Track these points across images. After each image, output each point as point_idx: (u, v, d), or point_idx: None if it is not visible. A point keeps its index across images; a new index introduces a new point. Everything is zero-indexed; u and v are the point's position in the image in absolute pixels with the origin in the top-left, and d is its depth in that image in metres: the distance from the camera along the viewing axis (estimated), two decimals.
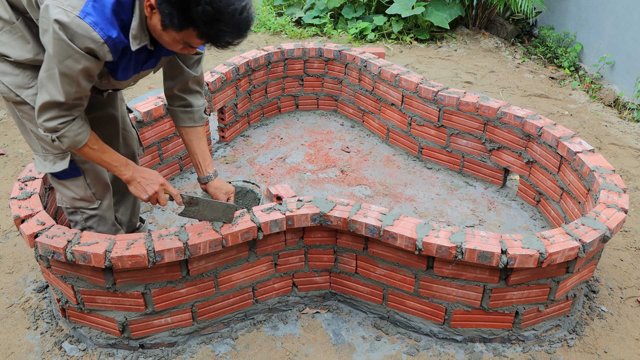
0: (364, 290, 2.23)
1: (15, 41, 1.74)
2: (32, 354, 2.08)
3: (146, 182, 1.86)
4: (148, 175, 1.87)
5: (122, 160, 1.84)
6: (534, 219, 2.83)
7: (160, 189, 1.88)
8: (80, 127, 1.71)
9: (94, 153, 1.78)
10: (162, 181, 1.88)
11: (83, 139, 1.73)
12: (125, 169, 1.84)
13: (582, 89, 4.62)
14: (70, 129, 1.69)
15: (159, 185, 1.87)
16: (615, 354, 2.12)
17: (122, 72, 1.73)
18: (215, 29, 1.47)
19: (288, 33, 5.81)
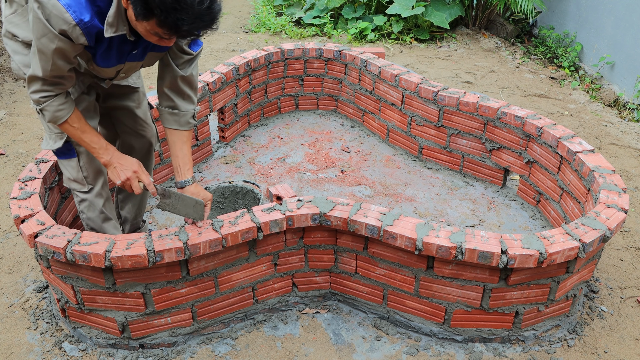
0: (364, 290, 2.23)
1: (24, 22, 1.86)
2: (32, 354, 2.08)
3: (121, 167, 1.90)
4: (124, 161, 1.91)
5: (102, 143, 1.89)
6: (534, 219, 2.83)
7: (133, 176, 1.90)
8: (61, 105, 1.79)
9: (74, 131, 1.85)
10: (136, 169, 1.91)
11: (63, 116, 1.80)
12: (103, 152, 1.89)
13: (582, 89, 4.62)
14: (51, 104, 1.77)
15: (132, 172, 1.90)
16: (615, 354, 2.12)
17: (102, 58, 1.78)
18: (172, 18, 1.48)
19: (288, 33, 5.81)
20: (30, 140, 3.63)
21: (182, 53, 1.92)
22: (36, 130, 3.75)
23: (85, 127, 1.87)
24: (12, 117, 3.94)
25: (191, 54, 1.94)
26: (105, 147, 1.90)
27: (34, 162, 2.33)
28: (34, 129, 3.77)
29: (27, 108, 4.09)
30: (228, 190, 2.73)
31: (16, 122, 3.87)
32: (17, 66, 1.92)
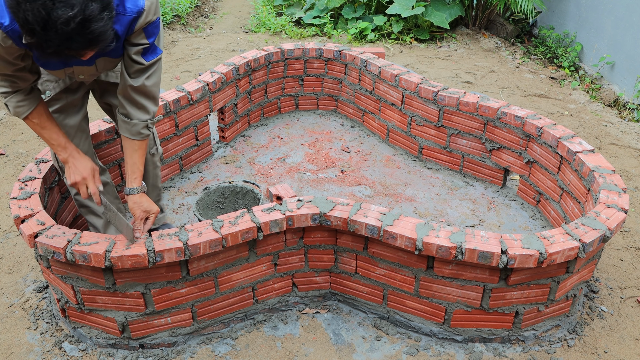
0: (364, 290, 2.23)
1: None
2: (32, 354, 2.08)
3: (74, 169, 1.93)
4: (79, 164, 1.93)
5: (61, 141, 1.93)
6: (534, 219, 2.83)
7: (82, 181, 1.93)
8: (20, 102, 1.84)
9: (34, 126, 1.91)
10: (86, 175, 1.92)
11: (23, 112, 1.85)
12: (61, 150, 1.93)
13: (582, 89, 4.62)
14: (11, 100, 1.84)
15: (81, 177, 1.92)
16: (615, 354, 2.12)
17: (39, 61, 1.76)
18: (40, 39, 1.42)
19: (288, 33, 5.80)
20: (30, 140, 3.63)
21: (133, 62, 1.83)
22: None
23: (45, 124, 1.90)
24: (12, 117, 3.94)
25: (142, 63, 1.83)
26: (64, 145, 1.93)
27: (34, 162, 2.33)
28: None
29: None
30: (228, 190, 2.73)
31: (16, 122, 3.87)
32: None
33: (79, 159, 1.93)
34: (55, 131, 1.92)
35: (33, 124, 1.90)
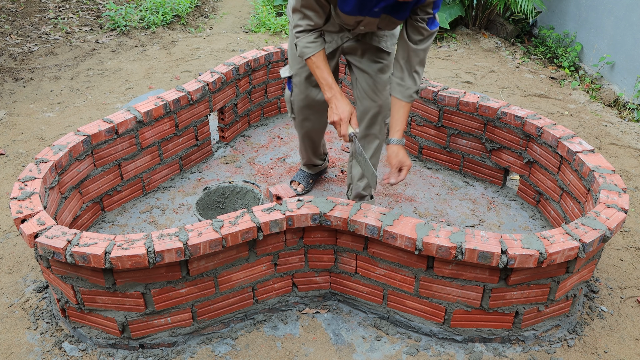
0: (364, 290, 2.23)
1: None
2: (32, 354, 2.08)
3: (335, 109, 2.15)
4: (339, 105, 2.15)
5: (330, 81, 2.18)
6: (534, 219, 2.83)
7: (339, 121, 2.14)
8: (309, 43, 2.15)
9: (311, 64, 2.20)
10: (344, 116, 2.13)
11: (308, 52, 2.16)
12: (328, 90, 2.18)
13: (582, 89, 4.62)
14: (301, 40, 2.16)
15: (339, 117, 2.14)
16: (615, 354, 2.12)
17: (342, 3, 2.03)
18: None
19: (288, 33, 5.80)
20: (30, 140, 3.63)
21: (420, 29, 2.07)
22: (36, 130, 3.75)
23: (320, 65, 2.17)
24: (12, 117, 3.94)
25: (428, 30, 2.08)
26: (331, 85, 2.17)
27: (34, 162, 2.33)
28: (34, 129, 3.77)
29: (27, 108, 4.09)
30: (228, 190, 2.73)
31: (16, 122, 3.87)
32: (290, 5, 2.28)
33: (341, 101, 2.15)
34: (327, 72, 2.18)
35: (311, 63, 2.18)
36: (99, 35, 5.69)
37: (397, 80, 2.21)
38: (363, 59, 2.41)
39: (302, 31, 2.14)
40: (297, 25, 2.15)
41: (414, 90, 2.21)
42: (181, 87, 3.05)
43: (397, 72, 2.21)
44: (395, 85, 2.22)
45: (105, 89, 4.45)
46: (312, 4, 2.06)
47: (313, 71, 2.20)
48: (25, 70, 4.74)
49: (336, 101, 2.15)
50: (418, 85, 2.22)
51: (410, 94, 2.21)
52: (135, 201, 2.94)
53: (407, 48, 2.13)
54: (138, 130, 2.79)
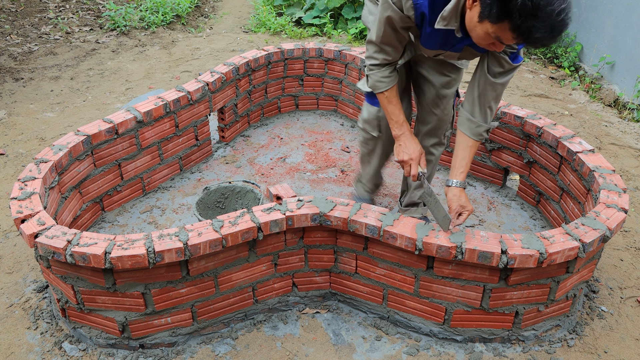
0: (364, 290, 2.23)
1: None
2: (32, 354, 2.08)
3: (404, 148, 2.10)
4: (409, 144, 2.09)
5: (400, 119, 2.10)
6: (534, 219, 2.83)
7: (409, 161, 2.09)
8: (383, 77, 2.05)
9: (383, 99, 2.10)
10: (414, 156, 2.08)
11: (381, 87, 2.07)
12: (396, 127, 2.11)
13: (582, 89, 4.62)
14: (375, 74, 2.05)
15: (409, 157, 2.08)
16: (615, 354, 2.12)
17: (425, 40, 1.96)
18: (528, 24, 1.51)
19: (288, 33, 5.80)
20: (30, 140, 3.63)
21: (502, 62, 1.93)
22: (36, 130, 3.75)
23: (393, 100, 2.09)
24: (12, 117, 3.94)
25: (510, 63, 1.93)
26: (401, 123, 2.10)
27: (34, 162, 2.33)
28: (34, 129, 3.77)
29: (27, 108, 4.09)
30: (228, 190, 2.73)
31: (16, 122, 3.88)
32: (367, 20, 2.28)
33: (411, 140, 2.09)
34: (398, 108, 2.10)
35: (383, 97, 2.09)
36: (99, 35, 5.69)
37: (467, 114, 2.06)
38: (431, 70, 2.28)
39: (377, 65, 2.03)
40: (371, 58, 2.03)
41: (485, 129, 2.05)
42: (181, 87, 3.05)
43: (467, 106, 2.06)
44: (465, 120, 2.06)
45: (105, 89, 4.45)
46: (392, 40, 1.96)
47: (384, 105, 2.10)
48: (25, 70, 4.74)
49: (406, 140, 2.08)
50: (489, 123, 2.06)
51: (480, 132, 2.05)
52: (135, 201, 2.94)
53: (484, 80, 1.99)
54: (138, 130, 2.79)
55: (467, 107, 2.07)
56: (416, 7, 1.79)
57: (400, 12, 1.83)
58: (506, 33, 1.59)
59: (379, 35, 1.95)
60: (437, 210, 2.01)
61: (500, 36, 1.62)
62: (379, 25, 1.92)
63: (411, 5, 1.79)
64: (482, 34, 1.66)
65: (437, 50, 2.02)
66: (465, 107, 2.09)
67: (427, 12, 1.79)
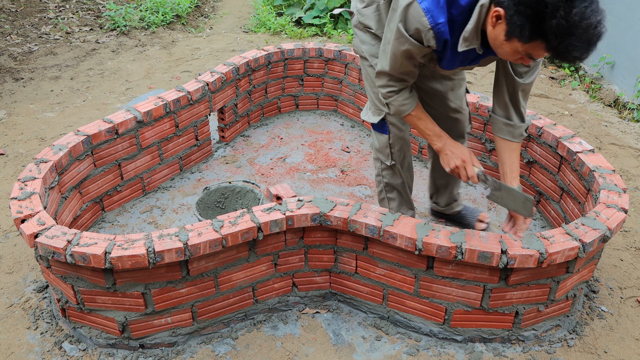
0: (364, 290, 2.23)
1: (375, 16, 2.09)
2: (32, 354, 2.08)
3: (452, 155, 2.01)
4: (455, 149, 2.02)
5: (436, 131, 2.03)
6: (533, 219, 2.83)
7: (462, 164, 2.00)
8: (405, 100, 1.97)
9: (412, 119, 2.02)
10: (465, 158, 2.00)
11: (406, 110, 1.99)
12: (436, 140, 2.03)
13: (582, 89, 4.62)
14: (396, 99, 1.97)
15: (461, 161, 2.00)
16: (615, 354, 2.12)
17: (448, 63, 1.88)
18: (565, 43, 1.45)
19: (288, 33, 5.80)
20: (30, 140, 3.63)
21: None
22: (36, 130, 3.75)
23: (422, 116, 2.01)
24: (12, 117, 3.94)
25: (535, 61, 1.89)
26: (439, 134, 2.03)
27: (34, 162, 2.33)
28: (34, 129, 3.77)
29: (27, 108, 4.09)
30: (228, 190, 2.73)
31: (16, 122, 3.88)
32: (360, 49, 2.20)
33: (455, 146, 2.02)
34: (430, 121, 2.03)
35: (411, 117, 2.01)
36: (99, 35, 5.69)
37: (503, 120, 2.05)
38: (434, 81, 2.26)
39: (395, 91, 1.96)
40: (387, 86, 1.95)
41: (525, 127, 2.07)
42: (181, 87, 3.05)
43: (500, 111, 2.05)
44: (502, 126, 2.06)
45: (105, 89, 4.45)
46: (409, 68, 1.88)
47: (415, 125, 2.02)
48: (25, 70, 4.74)
49: (450, 147, 2.02)
50: (527, 121, 2.06)
51: (520, 133, 2.06)
52: (135, 201, 2.94)
53: (512, 84, 1.96)
54: (138, 130, 2.80)
55: (500, 112, 2.06)
56: (437, 35, 1.70)
57: (420, 44, 1.75)
58: (540, 51, 1.54)
59: (394, 67, 1.87)
60: (514, 198, 1.98)
61: (532, 53, 1.57)
62: (394, 58, 1.84)
63: (432, 36, 1.70)
64: (511, 51, 1.61)
65: (456, 69, 1.97)
66: (498, 113, 2.06)
67: (449, 37, 1.72)
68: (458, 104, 2.33)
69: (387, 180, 2.40)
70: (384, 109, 2.19)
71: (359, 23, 2.15)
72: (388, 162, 2.32)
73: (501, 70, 1.98)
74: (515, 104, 2.02)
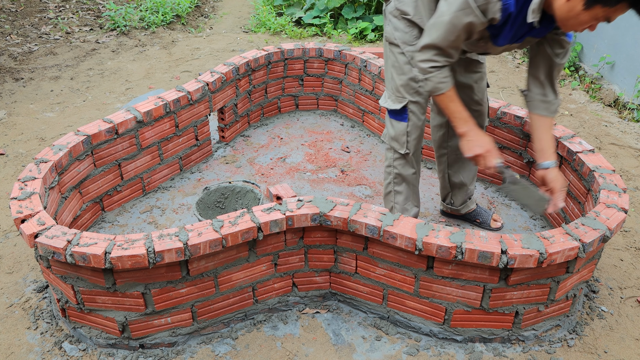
0: (364, 290, 2.23)
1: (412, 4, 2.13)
2: (32, 354, 2.08)
3: (476, 142, 2.03)
4: (480, 138, 2.04)
5: (465, 115, 2.05)
6: (534, 219, 2.83)
7: (485, 153, 2.02)
8: (445, 77, 1.98)
9: (445, 99, 2.03)
10: (489, 148, 2.03)
11: (443, 88, 1.99)
12: (463, 124, 2.05)
13: (582, 89, 4.62)
14: (437, 75, 1.97)
15: (485, 150, 2.02)
16: (615, 354, 2.12)
17: (502, 39, 1.95)
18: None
19: (288, 33, 5.81)
20: (30, 140, 3.63)
21: (562, 43, 2.02)
22: (36, 130, 3.75)
23: (454, 98, 2.03)
24: (12, 117, 3.94)
25: (568, 42, 2.03)
26: (466, 118, 2.04)
27: (34, 162, 2.33)
28: (34, 129, 3.77)
29: (27, 108, 4.09)
30: (228, 190, 2.73)
31: (16, 122, 3.88)
32: (392, 36, 2.21)
33: (480, 134, 2.05)
34: (461, 104, 2.05)
35: (445, 97, 2.02)
36: (99, 35, 5.69)
37: (540, 97, 2.13)
38: (463, 72, 2.35)
39: (438, 67, 1.97)
40: (430, 61, 1.96)
41: (559, 104, 2.16)
42: (181, 87, 3.05)
43: (536, 89, 2.13)
44: (539, 103, 2.14)
45: (105, 89, 4.45)
46: (460, 43, 1.93)
47: (446, 105, 2.04)
48: (25, 70, 4.75)
49: (475, 134, 2.04)
50: (559, 98, 2.16)
51: (555, 109, 2.15)
52: (135, 201, 2.94)
53: (549, 63, 2.07)
54: (138, 130, 2.80)
55: (536, 90, 2.14)
56: (504, 7, 1.79)
57: (483, 17, 1.82)
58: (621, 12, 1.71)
59: (449, 39, 1.89)
60: (529, 194, 2.01)
61: (611, 16, 1.71)
62: (452, 30, 1.86)
63: (499, 8, 1.78)
64: (588, 19, 1.73)
65: (506, 45, 2.03)
66: (534, 91, 2.14)
67: (514, 9, 1.80)
68: (480, 97, 2.41)
69: (397, 171, 2.41)
70: (407, 96, 2.25)
71: (395, 9, 2.18)
72: (402, 150, 2.34)
73: (538, 53, 2.07)
74: (551, 81, 2.12)
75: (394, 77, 2.28)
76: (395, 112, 2.30)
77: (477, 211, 2.77)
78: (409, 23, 2.16)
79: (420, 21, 2.13)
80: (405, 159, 2.38)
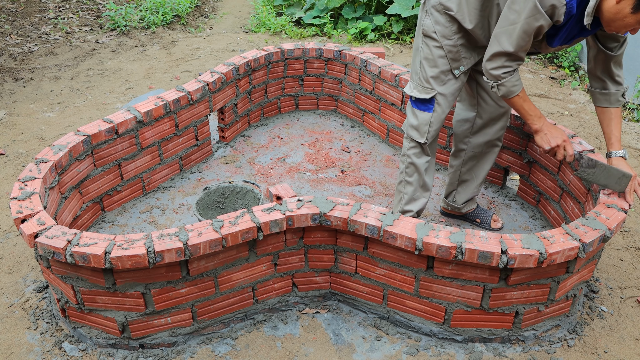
0: (364, 290, 2.23)
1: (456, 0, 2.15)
2: (32, 354, 2.08)
3: (552, 135, 2.14)
4: (554, 130, 2.15)
5: (538, 112, 2.14)
6: (534, 219, 2.83)
7: (563, 144, 2.13)
8: (517, 80, 2.06)
9: (518, 100, 2.11)
10: (565, 138, 2.13)
11: (516, 90, 2.08)
12: (537, 120, 2.14)
13: (582, 89, 4.62)
14: (510, 80, 2.05)
15: (562, 140, 2.13)
16: (615, 354, 2.12)
17: (559, 40, 2.03)
18: None
19: (288, 33, 5.81)
20: (30, 140, 3.63)
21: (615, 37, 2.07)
22: (36, 130, 3.75)
23: (526, 97, 2.11)
24: (12, 117, 3.94)
25: (623, 36, 2.07)
26: (539, 115, 2.14)
27: (34, 162, 2.33)
28: (34, 129, 3.77)
29: (27, 108, 4.09)
30: (228, 190, 2.73)
31: (16, 122, 3.88)
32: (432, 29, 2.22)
33: (553, 127, 2.15)
34: (532, 103, 2.13)
35: (519, 99, 2.10)
36: (99, 35, 5.69)
37: (600, 90, 2.20)
38: None
39: (511, 71, 2.04)
40: (504, 67, 2.03)
41: (621, 92, 2.20)
42: (181, 87, 3.05)
43: (596, 84, 2.21)
44: (599, 96, 2.21)
45: (105, 89, 4.45)
46: (529, 46, 2.00)
47: (520, 105, 2.11)
48: (25, 70, 4.75)
49: (549, 128, 2.14)
50: (623, 85, 2.20)
51: (617, 99, 2.20)
52: (135, 201, 2.94)
53: (604, 58, 2.13)
54: (138, 130, 2.80)
55: (596, 85, 2.21)
56: (568, 10, 1.87)
57: (550, 19, 1.89)
58: None
59: (521, 45, 1.97)
60: (609, 174, 2.11)
61: None
62: (524, 36, 1.94)
63: (564, 11, 1.86)
64: (634, 22, 1.81)
65: (558, 46, 2.10)
66: (594, 86, 2.22)
67: (575, 11, 1.88)
68: None
69: (410, 161, 2.45)
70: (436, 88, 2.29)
71: (439, 4, 2.20)
72: (422, 139, 2.37)
73: (593, 50, 2.15)
74: (609, 74, 2.17)
75: (424, 68, 2.30)
76: (421, 101, 2.34)
77: (478, 211, 2.77)
78: (450, 18, 2.19)
79: (462, 18, 2.16)
80: (422, 148, 2.42)
